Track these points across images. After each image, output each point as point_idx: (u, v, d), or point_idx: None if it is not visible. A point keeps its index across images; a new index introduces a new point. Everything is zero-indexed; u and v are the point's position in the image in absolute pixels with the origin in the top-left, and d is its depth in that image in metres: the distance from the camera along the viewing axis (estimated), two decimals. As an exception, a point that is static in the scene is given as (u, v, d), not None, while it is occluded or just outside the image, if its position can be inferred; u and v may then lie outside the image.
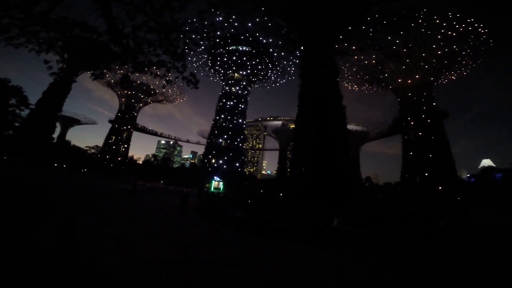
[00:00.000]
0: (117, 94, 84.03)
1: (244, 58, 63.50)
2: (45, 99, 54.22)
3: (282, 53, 54.41)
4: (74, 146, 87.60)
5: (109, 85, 79.96)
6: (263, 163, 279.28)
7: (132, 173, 73.11)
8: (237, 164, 64.50)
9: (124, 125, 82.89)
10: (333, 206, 13.49)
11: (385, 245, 7.75)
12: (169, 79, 9.20)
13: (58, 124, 74.36)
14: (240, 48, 62.16)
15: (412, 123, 57.04)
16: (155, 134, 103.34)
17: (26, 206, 8.81)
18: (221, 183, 58.61)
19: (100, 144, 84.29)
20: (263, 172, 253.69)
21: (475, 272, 5.74)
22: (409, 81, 56.89)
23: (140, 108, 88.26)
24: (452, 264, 6.35)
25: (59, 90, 55.17)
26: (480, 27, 45.33)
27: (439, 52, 51.79)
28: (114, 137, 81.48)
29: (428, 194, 47.73)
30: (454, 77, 61.81)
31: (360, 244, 7.68)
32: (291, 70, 65.62)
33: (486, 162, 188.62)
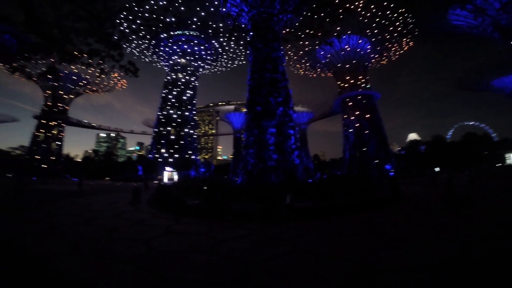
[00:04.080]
0: (41, 86, 72.58)
1: (192, 43, 60.42)
2: None
3: (232, 38, 53.42)
4: (-8, 148, 74.31)
5: (30, 77, 68.20)
6: (217, 148, 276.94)
7: (71, 173, 65.65)
8: (190, 152, 62.89)
9: (53, 120, 72.63)
10: (285, 185, 14.54)
11: (333, 216, 8.65)
12: (103, 68, 8.62)
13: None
14: (187, 33, 58.73)
15: (350, 103, 62.77)
16: (92, 127, 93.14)
17: None
18: (174, 173, 56.79)
19: (26, 143, 72.98)
20: (219, 157, 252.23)
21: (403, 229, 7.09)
22: (347, 65, 61.95)
23: (71, 100, 77.93)
24: (384, 224, 7.67)
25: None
26: (409, 17, 50.95)
27: (373, 39, 57.36)
28: (43, 135, 71.14)
29: (366, 168, 53.95)
30: (385, 62, 69.41)
31: (311, 217, 8.48)
32: (241, 55, 64.77)
33: (413, 136, 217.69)
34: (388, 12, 49.78)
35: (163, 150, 60.25)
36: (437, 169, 56.91)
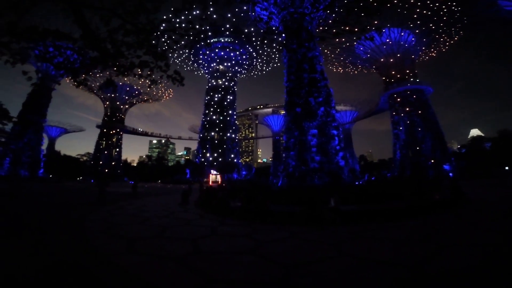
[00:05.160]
0: (101, 98, 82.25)
1: (227, 50, 62.97)
2: (26, 110, 53.39)
3: (265, 41, 54.15)
4: (65, 155, 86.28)
5: (91, 90, 77.98)
6: (258, 151, 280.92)
7: (128, 176, 72.77)
8: (232, 156, 64.97)
9: (112, 128, 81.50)
10: (329, 187, 14.05)
11: (384, 221, 8.05)
12: (153, 79, 9.26)
13: (45, 135, 72.51)
14: (222, 40, 61.38)
15: (398, 99, 58.23)
16: (145, 134, 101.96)
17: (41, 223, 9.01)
18: (218, 176, 59.17)
19: (91, 150, 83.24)
20: (259, 160, 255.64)
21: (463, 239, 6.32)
22: (391, 59, 57.78)
23: (126, 110, 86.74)
24: (443, 229, 6.92)
25: (39, 100, 54.36)
26: (453, 5, 46.30)
27: (417, 31, 52.90)
28: (104, 142, 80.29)
29: (421, 169, 49.26)
30: (434, 54, 63.41)
31: (359, 222, 8.04)
32: (275, 57, 65.45)
33: (475, 132, 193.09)
34: (429, 1, 45.67)
35: (208, 154, 63.27)
36: (506, 168, 49.37)
